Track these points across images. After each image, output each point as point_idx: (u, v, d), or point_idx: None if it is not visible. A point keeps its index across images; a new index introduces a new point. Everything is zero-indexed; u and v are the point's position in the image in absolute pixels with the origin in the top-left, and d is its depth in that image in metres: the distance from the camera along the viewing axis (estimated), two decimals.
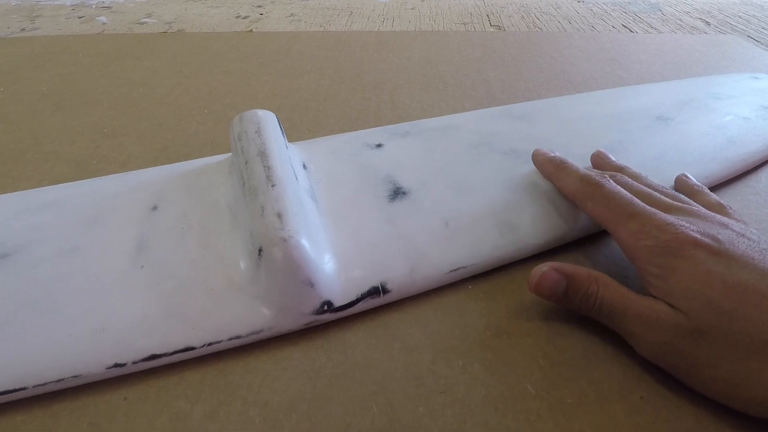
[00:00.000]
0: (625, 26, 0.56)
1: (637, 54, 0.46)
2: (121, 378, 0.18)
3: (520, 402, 0.16)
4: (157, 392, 0.17)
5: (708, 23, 0.57)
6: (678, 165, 0.27)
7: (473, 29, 0.56)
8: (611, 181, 0.20)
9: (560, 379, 0.17)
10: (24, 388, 0.17)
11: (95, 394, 0.17)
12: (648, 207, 0.19)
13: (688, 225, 0.17)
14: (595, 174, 0.21)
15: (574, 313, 0.20)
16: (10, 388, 0.17)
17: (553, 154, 0.24)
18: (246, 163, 0.23)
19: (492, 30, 0.55)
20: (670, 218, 0.18)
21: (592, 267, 0.22)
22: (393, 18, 0.61)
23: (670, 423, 0.16)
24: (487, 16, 0.61)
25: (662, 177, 0.26)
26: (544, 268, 0.19)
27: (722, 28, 0.55)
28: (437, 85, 0.40)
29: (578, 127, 0.30)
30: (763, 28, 0.55)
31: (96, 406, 0.17)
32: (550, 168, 0.23)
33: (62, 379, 0.17)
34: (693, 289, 0.16)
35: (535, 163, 0.25)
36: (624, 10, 0.63)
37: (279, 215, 0.19)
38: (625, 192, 0.20)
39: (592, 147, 0.28)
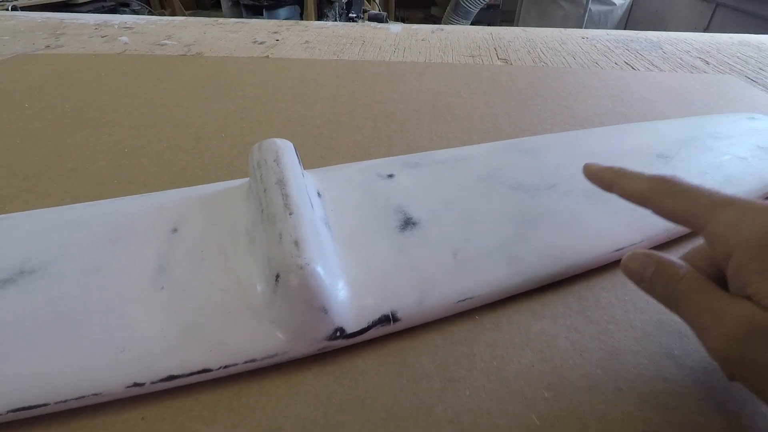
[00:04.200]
0: (627, 63, 0.58)
1: (639, 91, 0.48)
2: (138, 397, 0.18)
3: None
4: (174, 413, 0.18)
5: (707, 62, 0.59)
6: None
7: (481, 62, 0.58)
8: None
9: (564, 411, 0.18)
10: (46, 404, 0.17)
11: (113, 413, 0.18)
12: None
13: None
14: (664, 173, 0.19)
15: (578, 345, 0.20)
16: (33, 404, 0.17)
17: (607, 165, 0.22)
18: (265, 190, 0.24)
19: (499, 63, 0.57)
20: None
21: (595, 299, 0.23)
22: (404, 48, 0.63)
23: None
24: (495, 49, 0.63)
25: None
26: (633, 253, 0.19)
27: (721, 67, 0.57)
28: (446, 117, 0.42)
29: (583, 163, 0.31)
30: (760, 69, 0.56)
31: (114, 425, 0.17)
32: (609, 175, 0.21)
33: (83, 397, 0.18)
34: None
35: (588, 175, 0.22)
36: (626, 48, 0.65)
37: (296, 243, 0.20)
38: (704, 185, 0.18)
39: None
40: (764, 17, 1.50)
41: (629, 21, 2.27)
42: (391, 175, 0.29)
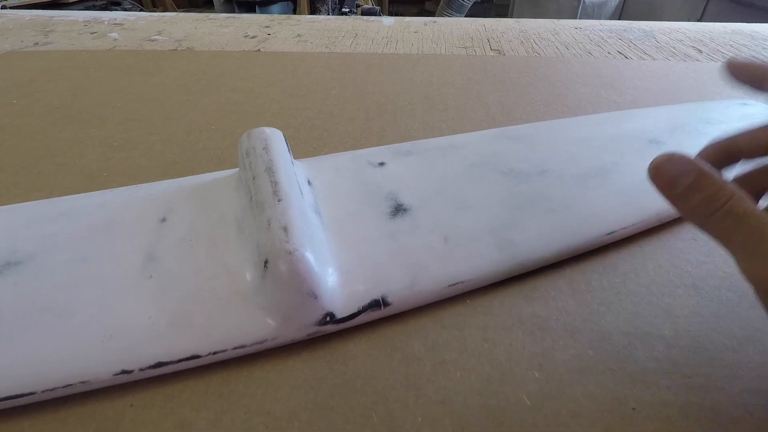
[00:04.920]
0: (620, 52, 0.58)
1: (632, 80, 0.48)
2: (127, 385, 0.18)
3: (516, 413, 0.17)
4: (163, 399, 0.18)
5: (700, 51, 0.59)
6: None
7: (474, 53, 0.57)
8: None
9: (555, 391, 0.18)
10: (33, 393, 0.17)
11: (102, 401, 0.18)
12: None
13: None
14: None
15: (570, 327, 0.20)
16: (20, 392, 0.17)
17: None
18: (254, 178, 0.23)
19: (492, 54, 0.57)
20: None
21: (587, 282, 0.23)
22: (396, 41, 0.62)
23: None
24: (488, 40, 0.63)
25: (654, 198, 0.27)
26: (672, 154, 0.16)
27: (714, 56, 0.57)
28: (439, 107, 0.42)
29: (575, 149, 0.31)
30: (753, 57, 0.56)
31: (103, 412, 0.17)
32: (760, 71, 0.18)
33: (70, 385, 0.17)
34: None
35: (731, 69, 0.19)
36: (620, 37, 0.65)
37: (285, 229, 0.20)
38: None
39: (588, 167, 0.29)
40: (757, 6, 1.50)
41: (623, 13, 2.27)
42: (382, 163, 0.29)
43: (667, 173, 0.16)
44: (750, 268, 0.15)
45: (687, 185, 0.16)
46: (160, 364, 0.18)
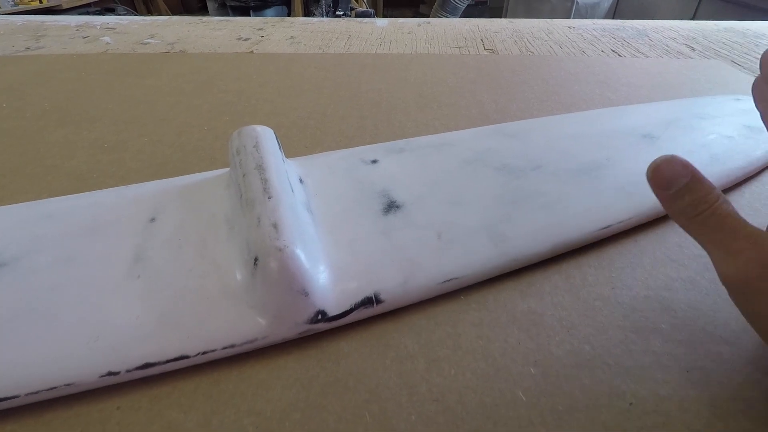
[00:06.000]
0: (613, 51, 0.58)
1: (626, 77, 0.48)
2: (114, 387, 0.18)
3: (511, 409, 0.17)
4: (150, 401, 0.17)
5: (693, 48, 0.59)
6: None
7: (468, 52, 0.57)
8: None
9: (551, 387, 0.17)
10: (16, 396, 0.17)
11: (88, 403, 0.17)
12: None
13: None
14: None
15: (566, 322, 0.20)
16: (2, 396, 0.17)
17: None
18: (244, 176, 0.23)
19: (486, 53, 0.57)
20: None
21: (583, 277, 0.22)
22: (390, 41, 0.62)
23: (657, 429, 0.16)
24: (481, 40, 0.63)
25: (649, 192, 0.26)
26: (671, 157, 0.17)
27: (706, 53, 0.57)
28: (432, 105, 0.41)
29: (568, 145, 0.31)
30: (745, 53, 0.57)
31: (89, 415, 0.17)
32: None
33: (55, 387, 0.17)
34: None
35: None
36: (613, 36, 0.65)
37: (275, 226, 0.20)
38: None
39: (583, 162, 0.29)
40: (749, 6, 1.51)
41: (616, 14, 2.28)
42: (375, 161, 0.29)
43: (665, 174, 0.17)
44: (722, 265, 0.17)
45: (680, 188, 0.17)
46: (147, 365, 0.18)
